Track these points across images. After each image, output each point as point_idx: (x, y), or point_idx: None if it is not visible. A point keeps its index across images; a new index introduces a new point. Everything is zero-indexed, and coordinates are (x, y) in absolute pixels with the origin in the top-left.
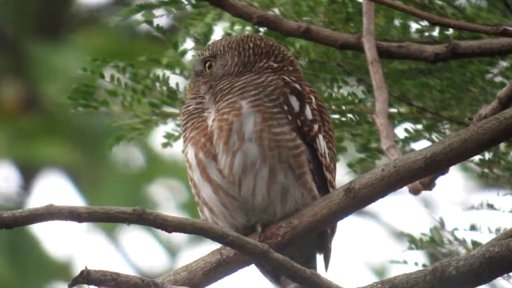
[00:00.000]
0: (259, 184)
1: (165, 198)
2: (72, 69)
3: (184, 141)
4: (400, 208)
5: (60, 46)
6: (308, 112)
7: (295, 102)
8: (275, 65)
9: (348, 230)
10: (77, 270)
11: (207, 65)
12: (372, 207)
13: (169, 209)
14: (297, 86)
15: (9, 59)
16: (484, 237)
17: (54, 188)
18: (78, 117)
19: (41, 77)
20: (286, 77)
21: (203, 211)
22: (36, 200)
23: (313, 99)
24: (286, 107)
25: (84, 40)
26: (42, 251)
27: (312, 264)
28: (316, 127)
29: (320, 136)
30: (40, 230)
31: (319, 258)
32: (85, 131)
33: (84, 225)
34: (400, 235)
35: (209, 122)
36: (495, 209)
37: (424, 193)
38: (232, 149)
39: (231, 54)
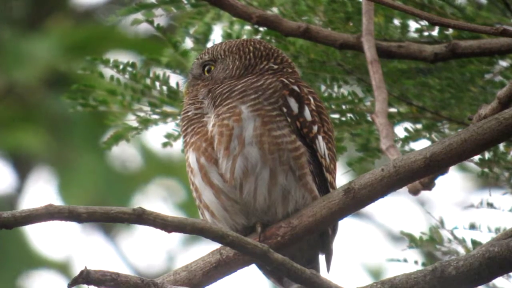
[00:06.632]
0: (260, 187)
1: (162, 198)
2: (45, 56)
3: (185, 147)
4: (396, 210)
5: (32, 33)
6: (307, 114)
7: (293, 104)
8: (275, 66)
9: (344, 231)
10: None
11: (206, 69)
12: (368, 208)
13: (165, 208)
14: (296, 87)
15: None
16: (484, 236)
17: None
18: (51, 103)
19: (13, 64)
20: (284, 79)
21: (204, 215)
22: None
23: (312, 100)
24: (285, 109)
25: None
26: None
27: (314, 264)
28: (315, 128)
29: (320, 137)
30: (38, 232)
31: (322, 258)
32: (58, 116)
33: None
34: (395, 237)
35: (209, 127)
36: (494, 208)
37: (421, 194)
38: (233, 154)
39: (232, 58)
